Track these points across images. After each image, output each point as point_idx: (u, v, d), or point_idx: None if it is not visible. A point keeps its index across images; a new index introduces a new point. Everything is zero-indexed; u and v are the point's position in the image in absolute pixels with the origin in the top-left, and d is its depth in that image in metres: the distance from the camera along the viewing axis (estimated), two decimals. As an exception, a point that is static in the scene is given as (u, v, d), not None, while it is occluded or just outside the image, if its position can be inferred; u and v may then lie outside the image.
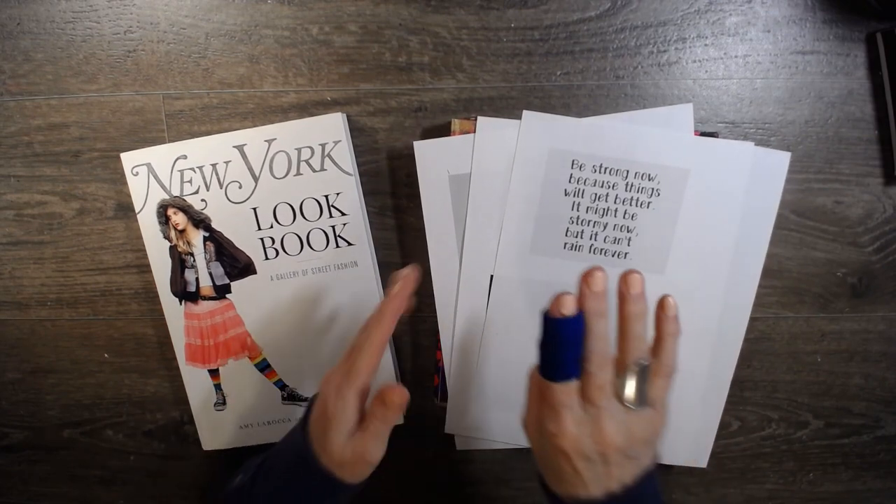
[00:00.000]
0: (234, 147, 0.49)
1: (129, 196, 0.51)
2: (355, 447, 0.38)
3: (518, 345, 0.50)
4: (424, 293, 0.51)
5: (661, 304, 0.35)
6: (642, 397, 0.34)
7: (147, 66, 0.50)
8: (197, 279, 0.51)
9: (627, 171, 0.47)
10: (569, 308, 0.33)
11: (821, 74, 0.48)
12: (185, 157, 0.50)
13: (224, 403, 0.53)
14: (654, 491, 0.36)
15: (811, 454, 0.54)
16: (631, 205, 0.48)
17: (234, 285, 0.51)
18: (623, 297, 0.34)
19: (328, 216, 0.50)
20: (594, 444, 0.33)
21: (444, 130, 0.49)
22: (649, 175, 0.47)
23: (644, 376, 0.34)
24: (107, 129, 0.52)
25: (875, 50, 0.48)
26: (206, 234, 0.51)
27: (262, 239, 0.50)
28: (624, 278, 0.34)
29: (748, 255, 0.48)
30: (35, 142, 0.52)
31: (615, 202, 0.48)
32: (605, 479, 0.34)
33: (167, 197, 0.50)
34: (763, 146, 0.48)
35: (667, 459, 0.52)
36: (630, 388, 0.34)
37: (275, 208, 0.50)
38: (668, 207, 0.47)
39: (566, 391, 0.33)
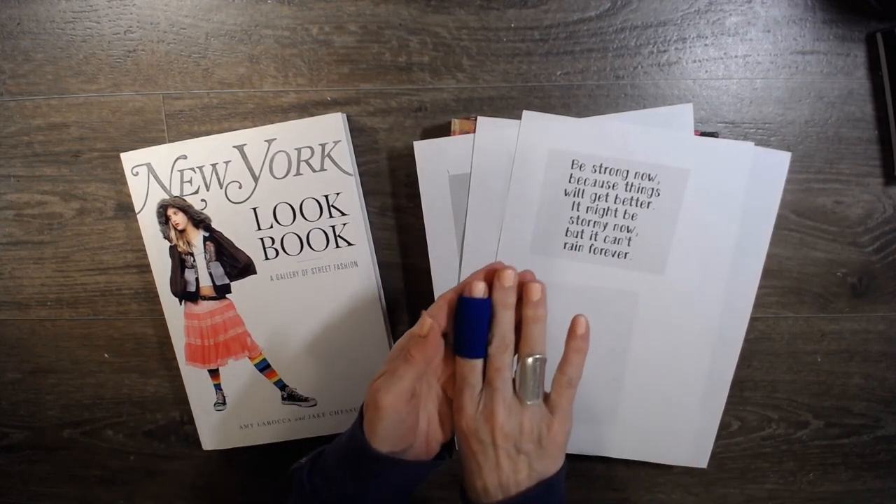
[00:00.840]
0: (234, 147, 0.49)
1: (129, 196, 0.51)
2: (372, 382, 0.37)
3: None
4: (424, 293, 0.51)
5: (573, 324, 0.38)
6: (532, 390, 0.36)
7: (147, 66, 0.50)
8: (197, 279, 0.51)
9: (627, 171, 0.47)
10: (478, 291, 0.36)
11: (821, 74, 0.48)
12: (185, 157, 0.50)
13: (224, 403, 0.53)
14: (555, 500, 0.38)
15: (811, 454, 0.54)
16: (631, 205, 0.48)
17: (234, 285, 0.51)
18: (524, 302, 0.37)
19: (328, 216, 0.50)
20: (484, 422, 0.36)
21: (444, 130, 0.49)
22: (649, 175, 0.47)
23: (535, 370, 0.36)
24: (107, 129, 0.52)
25: (875, 50, 0.48)
26: (206, 234, 0.51)
27: (262, 239, 0.50)
28: (526, 286, 0.37)
29: (748, 255, 0.48)
30: (35, 142, 0.52)
31: (615, 202, 0.48)
32: (496, 468, 0.36)
33: (167, 197, 0.50)
34: (763, 146, 0.48)
35: (667, 459, 0.52)
36: (522, 377, 0.37)
37: (275, 208, 0.50)
38: (668, 207, 0.47)
39: (469, 367, 0.37)
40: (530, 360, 0.36)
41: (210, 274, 0.51)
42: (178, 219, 0.51)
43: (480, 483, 0.37)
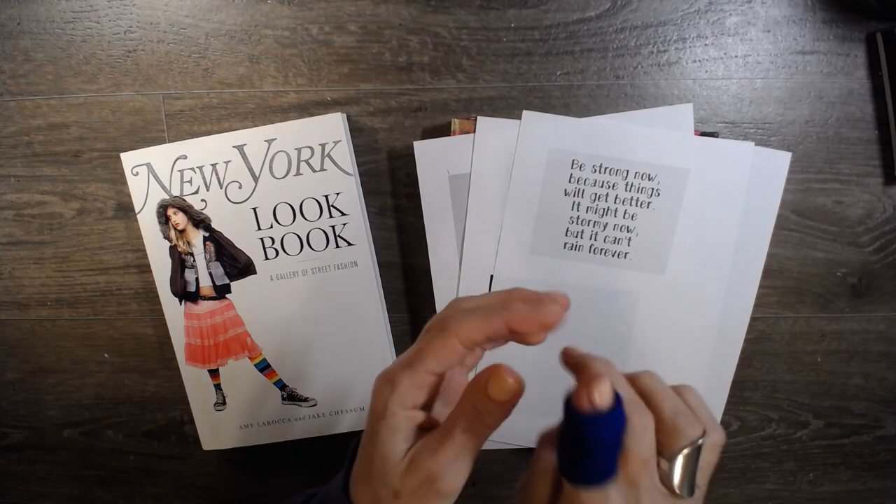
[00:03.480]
0: (234, 147, 0.49)
1: (129, 196, 0.51)
2: (422, 464, 0.26)
3: (518, 345, 0.50)
4: (424, 293, 0.51)
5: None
6: (692, 483, 0.27)
7: (147, 66, 0.50)
8: (197, 279, 0.51)
9: (627, 171, 0.47)
10: (605, 398, 0.23)
11: (821, 74, 0.48)
12: (185, 157, 0.50)
13: (224, 403, 0.53)
14: None
15: (811, 454, 0.54)
16: (631, 205, 0.48)
17: (234, 285, 0.51)
18: (678, 389, 0.28)
19: (328, 216, 0.50)
20: None
21: (444, 130, 0.49)
22: (649, 175, 0.47)
23: (695, 459, 0.27)
24: (107, 129, 0.52)
25: (875, 50, 0.47)
26: (206, 234, 0.51)
27: (262, 239, 0.50)
28: (648, 381, 0.28)
29: (748, 255, 0.48)
30: (35, 142, 0.52)
31: (615, 202, 0.48)
32: None
33: (167, 197, 0.50)
34: (763, 146, 0.48)
35: (667, 459, 0.52)
36: (679, 472, 0.27)
37: (275, 208, 0.50)
38: (668, 207, 0.47)
39: (602, 498, 0.24)
40: (693, 447, 0.27)
41: (210, 274, 0.51)
42: (178, 219, 0.50)
43: None
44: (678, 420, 0.27)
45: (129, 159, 0.50)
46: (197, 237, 0.51)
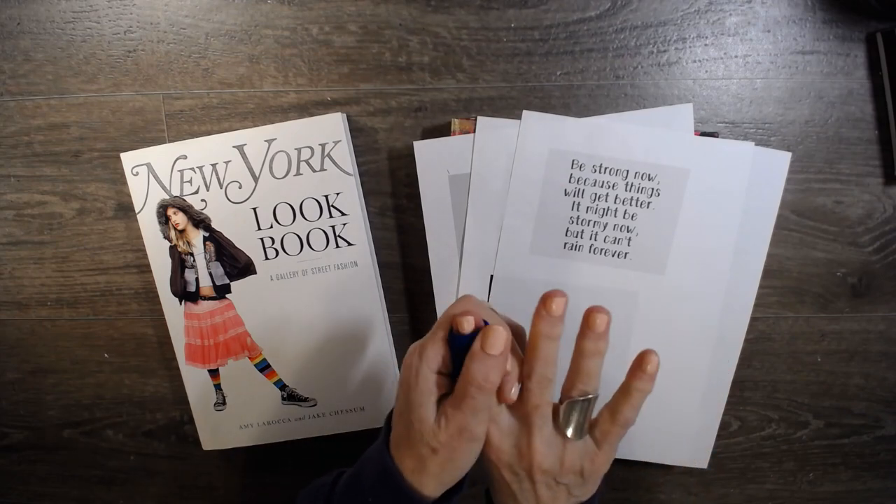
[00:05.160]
0: (234, 147, 0.49)
1: (129, 196, 0.51)
2: (452, 419, 0.31)
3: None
4: (424, 293, 0.51)
5: (643, 357, 0.34)
6: (580, 430, 0.33)
7: (147, 66, 0.50)
8: (197, 279, 0.51)
9: (627, 171, 0.47)
10: (467, 327, 0.32)
11: (821, 74, 0.48)
12: (185, 157, 0.50)
13: (224, 403, 0.53)
14: None
15: (811, 454, 0.54)
16: (631, 205, 0.48)
17: (234, 285, 0.51)
18: (583, 333, 0.33)
19: (328, 216, 0.50)
20: (519, 458, 0.33)
21: (444, 130, 0.49)
22: (649, 175, 0.47)
23: (585, 409, 0.33)
24: (107, 129, 0.52)
25: (875, 50, 0.47)
26: (206, 234, 0.51)
27: (262, 239, 0.50)
28: (589, 315, 0.33)
29: (748, 255, 0.48)
30: (35, 142, 0.52)
31: (615, 202, 0.48)
32: (534, 499, 0.34)
33: (167, 197, 0.50)
34: (763, 146, 0.48)
35: (667, 459, 0.52)
36: (567, 417, 0.33)
37: (275, 208, 0.50)
38: (667, 207, 0.47)
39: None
40: (581, 399, 0.33)
41: (210, 274, 0.51)
42: (178, 219, 0.51)
43: None
44: (578, 376, 0.33)
45: (129, 159, 0.50)
46: (197, 237, 0.51)
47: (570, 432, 0.33)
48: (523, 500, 0.34)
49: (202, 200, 0.50)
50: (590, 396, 0.33)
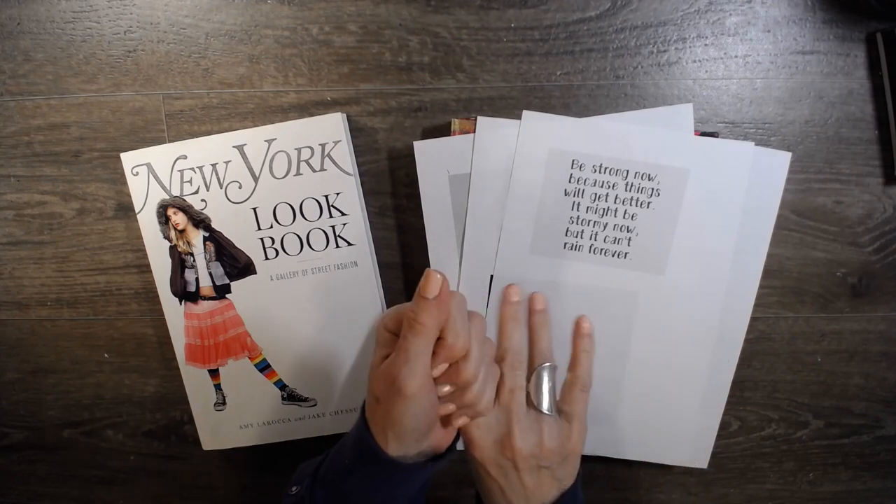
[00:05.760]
0: (234, 147, 0.49)
1: (129, 196, 0.51)
2: (386, 368, 0.33)
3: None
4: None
5: (577, 324, 0.39)
6: (550, 399, 0.36)
7: (147, 66, 0.50)
8: (197, 279, 0.51)
9: (627, 171, 0.47)
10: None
11: (821, 74, 0.48)
12: (185, 157, 0.50)
13: (224, 403, 0.53)
14: None
15: (811, 454, 0.54)
16: (631, 205, 0.48)
17: (234, 285, 0.51)
18: (530, 311, 0.38)
19: (328, 216, 0.50)
20: (502, 450, 0.35)
21: (444, 130, 0.49)
22: (649, 175, 0.47)
23: (547, 378, 0.36)
24: (107, 129, 0.52)
25: (875, 50, 0.47)
26: (206, 234, 0.51)
27: (262, 239, 0.50)
28: (530, 297, 0.40)
29: (748, 255, 0.48)
30: (35, 142, 0.52)
31: (615, 202, 0.48)
32: (521, 488, 0.35)
33: (167, 197, 0.50)
34: (763, 146, 0.48)
35: (667, 459, 0.52)
36: (536, 387, 0.36)
37: (275, 208, 0.50)
38: (668, 207, 0.47)
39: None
40: (542, 367, 0.36)
41: (210, 274, 0.51)
42: (178, 219, 0.51)
43: (505, 501, 0.36)
44: (535, 348, 0.37)
45: (129, 159, 0.50)
46: (197, 237, 0.51)
47: (543, 403, 0.36)
48: (511, 493, 0.36)
49: (202, 200, 0.50)
50: (550, 364, 0.37)
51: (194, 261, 0.51)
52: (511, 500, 0.36)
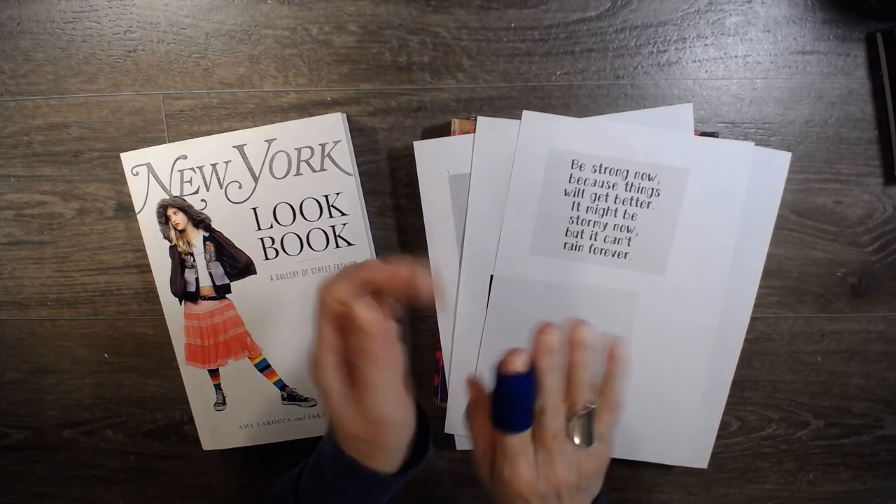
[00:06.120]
0: (234, 147, 0.49)
1: (129, 196, 0.51)
2: (363, 414, 0.32)
3: (518, 345, 0.50)
4: (424, 293, 0.51)
5: (612, 349, 0.38)
6: (590, 437, 0.36)
7: (147, 66, 0.50)
8: (197, 279, 0.51)
9: (627, 171, 0.47)
10: (520, 365, 0.34)
11: (821, 74, 0.48)
12: (185, 157, 0.50)
13: (224, 403, 0.53)
14: None
15: (811, 454, 0.54)
16: (631, 205, 0.48)
17: (234, 285, 0.51)
18: (571, 346, 0.36)
19: (328, 216, 0.50)
20: (548, 485, 0.35)
21: (444, 130, 0.49)
22: (649, 175, 0.47)
23: (590, 418, 0.36)
24: (107, 129, 0.52)
25: (875, 50, 0.47)
26: (206, 234, 0.51)
27: (262, 239, 0.50)
28: (572, 329, 0.36)
29: (748, 255, 0.48)
30: (35, 142, 0.52)
31: (615, 202, 0.48)
32: None
33: (167, 197, 0.50)
34: (763, 146, 0.48)
35: (667, 459, 0.52)
36: (579, 430, 0.36)
37: (275, 208, 0.50)
38: (668, 207, 0.47)
39: (521, 442, 0.35)
40: (585, 411, 0.36)
41: (210, 274, 0.51)
42: (178, 219, 0.51)
43: None
44: (576, 388, 0.36)
45: (129, 159, 0.50)
46: (197, 237, 0.51)
47: (582, 443, 0.36)
48: None
49: (202, 200, 0.50)
50: (592, 407, 0.36)
51: (194, 261, 0.51)
52: None
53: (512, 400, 0.35)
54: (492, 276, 0.49)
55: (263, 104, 0.50)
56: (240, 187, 0.50)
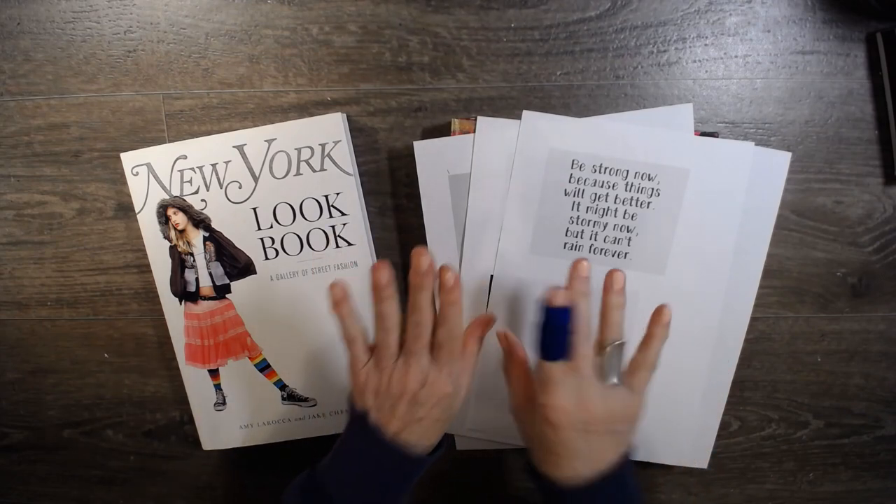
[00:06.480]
0: (234, 147, 0.49)
1: (129, 196, 0.51)
2: (451, 400, 0.41)
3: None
4: (424, 293, 0.51)
5: (659, 310, 0.41)
6: (616, 372, 0.40)
7: (147, 66, 0.50)
8: (197, 279, 0.51)
9: (627, 171, 0.47)
10: (562, 299, 0.38)
11: (821, 74, 0.48)
12: (185, 157, 0.50)
13: (224, 403, 0.53)
14: (632, 471, 0.41)
15: (811, 454, 0.54)
16: (631, 205, 0.48)
17: (234, 285, 0.51)
18: (606, 290, 0.40)
19: (328, 216, 0.50)
20: (579, 412, 0.38)
21: (444, 130, 0.49)
22: (649, 175, 0.47)
23: (618, 354, 0.40)
24: (107, 129, 0.52)
25: (875, 50, 0.47)
26: (206, 234, 0.51)
27: (262, 239, 0.50)
28: (609, 275, 0.41)
29: (748, 255, 0.48)
30: (35, 142, 0.52)
31: (615, 202, 0.48)
32: (588, 452, 0.38)
33: (167, 197, 0.50)
34: (763, 146, 0.48)
35: (667, 459, 0.52)
36: (608, 362, 0.40)
37: (275, 208, 0.50)
38: (668, 207, 0.47)
39: (559, 368, 0.39)
40: (615, 344, 0.39)
41: (210, 274, 0.51)
42: (178, 219, 0.51)
43: (571, 466, 0.38)
44: (607, 326, 0.40)
45: (129, 159, 0.50)
46: (197, 237, 0.51)
47: (610, 375, 0.39)
48: (581, 457, 0.38)
49: (202, 200, 0.50)
50: (621, 341, 0.40)
51: (194, 261, 0.51)
52: (578, 464, 0.38)
53: (555, 329, 0.38)
54: (492, 276, 0.49)
55: (263, 104, 0.50)
56: (240, 187, 0.50)
